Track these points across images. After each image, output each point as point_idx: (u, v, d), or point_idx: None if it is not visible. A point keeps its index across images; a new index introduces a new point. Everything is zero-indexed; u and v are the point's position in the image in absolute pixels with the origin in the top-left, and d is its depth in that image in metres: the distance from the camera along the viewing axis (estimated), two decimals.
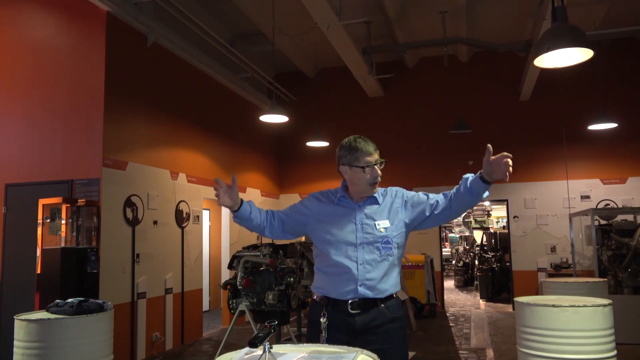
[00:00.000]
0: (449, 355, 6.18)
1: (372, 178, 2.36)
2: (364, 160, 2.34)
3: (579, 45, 3.66)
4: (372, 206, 2.40)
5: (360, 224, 2.35)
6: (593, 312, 3.39)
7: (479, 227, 17.55)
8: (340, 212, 2.40)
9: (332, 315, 2.30)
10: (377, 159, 2.38)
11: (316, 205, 2.45)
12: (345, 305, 2.29)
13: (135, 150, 6.41)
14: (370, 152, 2.36)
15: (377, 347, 2.17)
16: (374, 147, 2.40)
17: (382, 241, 2.33)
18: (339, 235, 2.34)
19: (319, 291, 2.41)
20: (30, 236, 5.74)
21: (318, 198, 2.48)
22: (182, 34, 7.11)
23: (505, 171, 2.26)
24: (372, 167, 2.35)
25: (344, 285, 2.30)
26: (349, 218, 2.37)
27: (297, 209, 2.48)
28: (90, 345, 3.39)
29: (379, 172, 2.37)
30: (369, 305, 2.30)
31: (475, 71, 10.29)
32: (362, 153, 2.35)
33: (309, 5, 6.53)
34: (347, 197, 2.41)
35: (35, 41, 6.32)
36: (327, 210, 2.42)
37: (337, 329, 2.28)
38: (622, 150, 9.48)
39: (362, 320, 2.28)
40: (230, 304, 5.47)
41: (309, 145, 9.53)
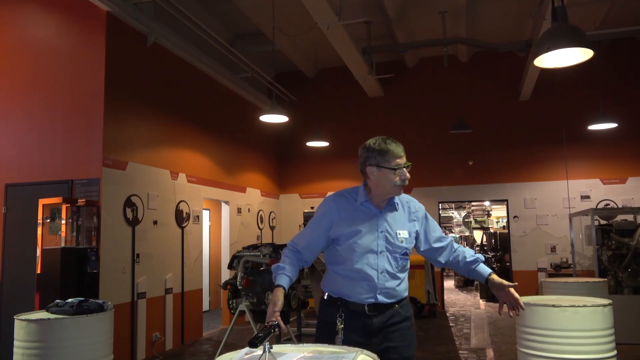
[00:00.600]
0: (449, 355, 6.18)
1: (401, 180, 2.34)
2: (394, 162, 2.31)
3: (579, 45, 3.66)
4: (393, 213, 2.40)
5: (382, 231, 2.34)
6: (593, 312, 3.39)
7: (479, 227, 17.55)
8: (362, 217, 2.36)
9: (348, 316, 2.29)
10: (406, 162, 2.36)
11: (337, 213, 2.37)
12: (362, 307, 2.30)
13: (135, 150, 6.41)
14: (400, 155, 2.34)
15: (393, 345, 2.28)
16: (403, 150, 2.38)
17: (401, 252, 2.36)
18: (362, 243, 2.31)
19: (334, 292, 2.37)
20: (30, 236, 5.74)
21: (337, 203, 2.40)
22: (182, 34, 7.11)
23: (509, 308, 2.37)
24: (402, 169, 2.33)
25: (363, 292, 2.30)
26: (372, 225, 2.34)
27: (316, 236, 2.40)
28: (90, 345, 3.39)
29: (408, 174, 2.36)
30: (385, 307, 2.33)
31: (475, 71, 10.29)
32: (393, 155, 2.32)
33: (309, 5, 6.53)
34: (369, 202, 2.37)
35: (35, 41, 6.32)
36: (349, 215, 2.37)
37: (353, 330, 2.28)
38: (622, 150, 9.48)
39: (379, 321, 2.31)
40: (230, 304, 5.47)
41: (309, 145, 9.53)
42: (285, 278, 2.30)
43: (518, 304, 2.31)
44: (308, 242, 2.41)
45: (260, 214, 10.11)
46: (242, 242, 8.90)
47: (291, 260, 2.37)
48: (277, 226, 10.94)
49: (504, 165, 10.00)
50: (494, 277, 2.37)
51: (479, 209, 17.72)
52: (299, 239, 2.44)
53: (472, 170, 10.09)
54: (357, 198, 2.39)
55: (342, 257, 2.34)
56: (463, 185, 10.17)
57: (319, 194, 10.77)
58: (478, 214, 18.04)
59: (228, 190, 8.86)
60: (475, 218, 18.09)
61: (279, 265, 2.36)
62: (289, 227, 10.98)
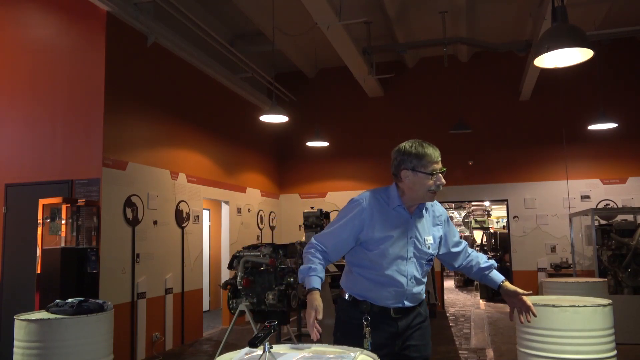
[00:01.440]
0: (449, 355, 6.18)
1: (436, 186, 2.28)
2: (431, 167, 2.26)
3: (579, 45, 3.66)
4: (421, 219, 2.38)
5: (412, 237, 2.32)
6: (593, 312, 3.39)
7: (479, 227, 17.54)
8: (395, 222, 2.30)
9: (373, 319, 2.28)
10: (442, 167, 2.31)
11: (369, 216, 2.29)
12: (388, 311, 2.31)
13: (135, 150, 6.41)
14: (437, 159, 2.29)
15: (414, 343, 2.34)
16: (440, 155, 2.33)
17: (427, 258, 2.36)
18: (394, 250, 2.28)
19: (359, 295, 2.33)
20: (30, 236, 5.74)
21: (371, 206, 2.31)
22: (182, 34, 7.11)
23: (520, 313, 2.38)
24: (438, 174, 2.28)
25: (390, 297, 2.30)
26: (403, 231, 2.30)
27: (346, 238, 2.30)
28: (90, 345, 3.39)
29: (444, 180, 2.31)
30: (410, 310, 2.36)
31: (475, 71, 10.29)
32: (430, 159, 2.26)
33: (309, 5, 6.53)
34: (403, 207, 2.31)
35: (35, 41, 6.32)
36: (382, 219, 2.29)
37: (379, 333, 2.28)
38: (622, 150, 9.48)
39: (404, 323, 2.33)
40: (230, 304, 5.47)
41: (309, 145, 9.53)
42: (318, 280, 2.21)
43: (530, 310, 2.33)
44: (336, 243, 2.31)
45: (260, 214, 10.11)
46: (242, 242, 8.90)
47: (320, 261, 2.27)
48: (277, 226, 10.94)
49: (504, 165, 10.00)
50: (507, 284, 2.39)
51: (479, 209, 17.71)
52: (327, 239, 2.32)
53: (472, 170, 10.09)
54: (389, 201, 2.33)
55: (371, 261, 2.29)
56: (463, 185, 10.17)
57: (319, 194, 10.77)
58: (478, 214, 18.04)
59: (228, 190, 8.86)
60: (475, 218, 18.09)
61: (310, 266, 2.24)
62: (289, 227, 10.98)
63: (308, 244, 2.35)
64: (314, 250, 2.30)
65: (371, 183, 10.21)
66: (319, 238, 2.34)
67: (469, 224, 18.62)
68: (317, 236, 2.36)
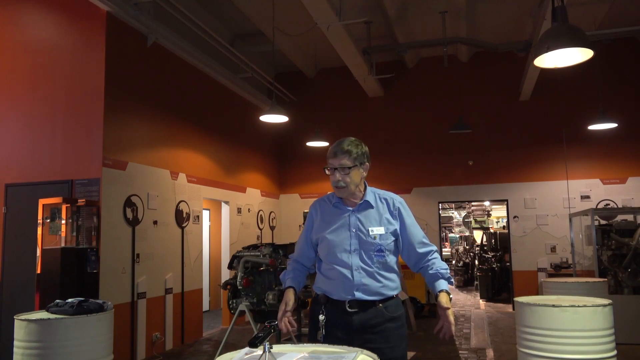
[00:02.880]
0: (449, 355, 6.18)
1: (333, 182, 2.40)
2: (327, 163, 2.43)
3: (579, 45, 3.66)
4: (366, 211, 2.43)
5: (354, 230, 2.38)
6: (593, 312, 3.39)
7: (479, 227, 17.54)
8: (335, 218, 2.44)
9: (330, 313, 2.35)
10: (343, 164, 2.36)
11: (316, 216, 2.52)
12: (343, 304, 2.34)
13: (135, 150, 6.41)
14: (331, 154, 2.41)
15: (375, 346, 2.21)
16: (342, 150, 2.39)
17: (375, 249, 2.37)
18: (335, 242, 2.38)
19: (319, 290, 2.46)
20: (30, 236, 5.74)
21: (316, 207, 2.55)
22: (182, 34, 7.11)
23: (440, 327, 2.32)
24: (330, 170, 2.40)
25: (341, 289, 2.36)
26: (343, 224, 2.41)
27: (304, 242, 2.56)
28: (90, 345, 3.38)
29: (337, 177, 2.37)
30: (367, 304, 2.33)
31: (475, 71, 10.29)
32: (328, 155, 2.44)
33: (309, 5, 6.53)
34: (341, 202, 2.45)
35: (35, 41, 6.32)
36: (325, 217, 2.47)
37: (335, 326, 2.32)
38: (622, 150, 9.48)
39: (360, 319, 2.31)
40: (230, 304, 5.47)
41: (309, 145, 9.53)
42: (290, 280, 2.47)
43: (449, 330, 2.27)
44: (300, 249, 2.57)
45: (260, 214, 10.12)
46: (242, 242, 8.90)
47: (292, 268, 2.54)
48: (277, 226, 10.94)
49: (504, 165, 10.00)
50: (441, 295, 2.30)
51: (479, 209, 17.70)
52: (295, 249, 2.62)
53: (472, 170, 10.09)
54: (331, 199, 2.50)
55: (322, 256, 2.45)
56: (463, 185, 10.17)
57: (319, 194, 10.76)
58: (478, 214, 18.03)
59: (228, 190, 8.86)
60: (475, 218, 18.09)
61: (284, 272, 2.54)
62: (289, 227, 10.99)
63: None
64: (288, 265, 2.60)
65: (371, 183, 10.19)
66: (290, 256, 2.64)
67: (469, 224, 18.62)
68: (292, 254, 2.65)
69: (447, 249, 18.53)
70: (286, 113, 7.05)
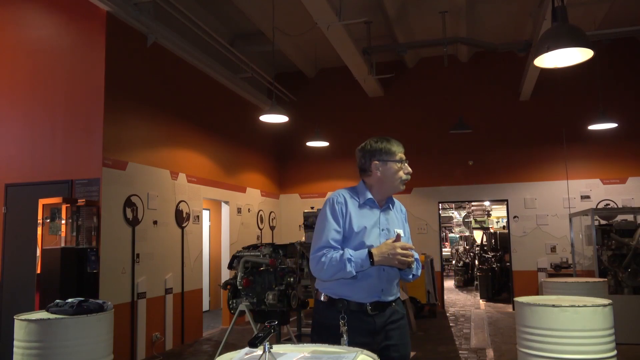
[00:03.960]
0: (449, 355, 6.18)
1: (406, 174, 2.43)
2: (399, 156, 2.41)
3: (579, 45, 3.66)
4: (389, 212, 2.46)
5: (383, 230, 2.37)
6: (593, 312, 3.39)
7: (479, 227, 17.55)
8: (367, 216, 2.36)
9: (350, 317, 2.26)
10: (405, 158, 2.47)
11: (346, 209, 2.33)
12: (364, 307, 2.29)
13: (135, 150, 6.41)
14: (402, 149, 2.46)
15: (393, 343, 2.31)
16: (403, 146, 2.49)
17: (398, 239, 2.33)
18: (367, 242, 2.30)
19: (334, 294, 2.31)
20: (30, 236, 5.74)
21: (346, 199, 2.36)
22: (182, 34, 7.11)
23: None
24: (405, 162, 2.43)
25: (365, 291, 2.29)
26: (375, 224, 2.36)
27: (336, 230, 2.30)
28: (90, 345, 3.38)
29: (410, 169, 2.46)
30: (385, 305, 2.34)
31: (475, 71, 10.29)
32: (397, 149, 2.42)
33: (309, 5, 6.53)
34: (373, 200, 2.40)
35: (35, 41, 6.32)
36: (355, 212, 2.35)
37: (356, 331, 2.26)
38: (622, 150, 9.48)
39: (381, 319, 2.32)
40: (230, 304, 5.47)
41: (309, 145, 9.53)
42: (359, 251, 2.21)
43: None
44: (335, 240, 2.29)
45: (260, 214, 10.11)
46: (242, 242, 8.90)
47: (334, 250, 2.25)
48: (277, 226, 10.94)
49: (504, 165, 10.00)
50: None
51: (479, 209, 17.71)
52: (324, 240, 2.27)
53: (472, 170, 10.09)
54: (359, 197, 2.40)
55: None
56: (463, 185, 10.17)
57: (319, 194, 10.77)
58: (478, 214, 18.04)
59: (228, 190, 8.86)
60: (475, 218, 18.09)
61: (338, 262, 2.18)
62: (289, 227, 10.99)
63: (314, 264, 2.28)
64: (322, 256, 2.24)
65: None
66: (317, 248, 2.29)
67: (469, 224, 18.62)
68: (314, 249, 2.30)
69: (447, 249, 18.54)
70: (286, 113, 7.05)
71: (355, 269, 2.19)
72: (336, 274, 2.21)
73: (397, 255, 2.18)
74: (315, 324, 2.39)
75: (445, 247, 18.37)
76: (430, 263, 9.14)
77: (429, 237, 10.10)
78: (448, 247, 19.19)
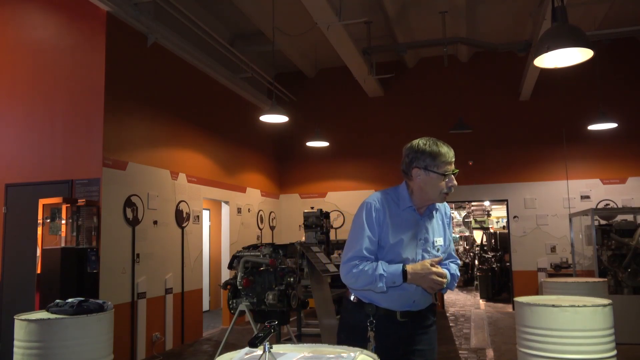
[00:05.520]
0: (449, 355, 6.18)
1: (449, 188, 2.20)
2: (444, 167, 2.17)
3: (579, 45, 3.66)
4: (431, 220, 2.30)
5: (421, 239, 2.25)
6: (593, 312, 3.39)
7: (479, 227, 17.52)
8: (405, 224, 2.23)
9: (378, 322, 2.20)
10: (454, 169, 2.22)
11: (383, 217, 2.21)
12: (394, 313, 2.23)
13: (135, 150, 6.41)
14: (451, 160, 2.20)
15: (419, 348, 2.25)
16: (454, 155, 2.23)
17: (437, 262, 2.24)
18: (403, 253, 2.20)
19: (365, 297, 2.25)
20: (30, 236, 5.74)
21: (384, 206, 2.23)
22: (182, 34, 7.11)
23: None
24: (451, 175, 2.19)
25: (397, 301, 2.22)
26: (413, 233, 2.23)
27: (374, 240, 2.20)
28: (90, 345, 3.38)
29: (455, 182, 2.22)
30: (415, 313, 2.27)
31: (475, 71, 10.29)
32: (444, 159, 2.18)
33: (309, 5, 6.53)
34: (413, 208, 2.25)
35: (35, 41, 6.32)
36: (393, 220, 2.22)
37: (383, 336, 2.21)
38: (622, 150, 9.48)
39: (409, 328, 2.25)
40: (230, 304, 5.47)
41: (309, 145, 9.53)
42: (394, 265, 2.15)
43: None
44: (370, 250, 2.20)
45: (260, 214, 10.11)
46: (242, 242, 8.90)
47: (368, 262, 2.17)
48: (277, 226, 10.94)
49: (504, 165, 10.00)
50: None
51: (479, 209, 17.68)
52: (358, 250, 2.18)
53: (472, 170, 10.09)
54: (399, 202, 2.26)
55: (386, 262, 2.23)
56: (463, 185, 10.16)
57: (319, 194, 10.77)
58: (478, 214, 18.02)
59: (228, 190, 8.86)
60: (475, 218, 18.07)
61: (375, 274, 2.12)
62: (289, 227, 10.98)
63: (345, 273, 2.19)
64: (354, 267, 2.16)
65: (371, 183, 10.22)
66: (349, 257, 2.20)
67: (469, 224, 18.60)
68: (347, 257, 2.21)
69: None
70: (286, 113, 7.05)
71: (387, 284, 2.14)
72: (367, 286, 2.16)
73: (430, 281, 2.12)
74: (343, 323, 2.34)
75: None
76: None
77: None
78: None
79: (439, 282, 2.13)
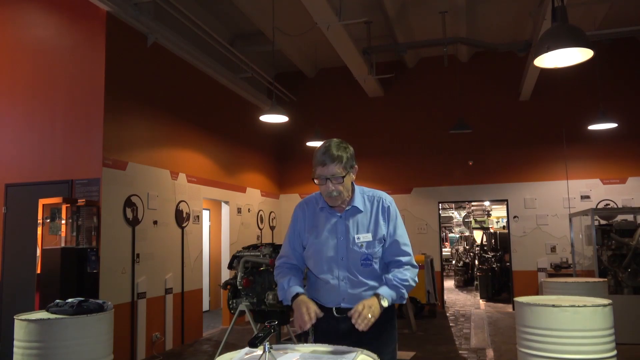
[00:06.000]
0: (449, 355, 6.18)
1: (325, 193, 2.21)
2: (315, 171, 2.21)
3: (579, 45, 3.66)
4: (355, 216, 2.29)
5: (341, 237, 2.26)
6: (593, 312, 3.39)
7: (479, 227, 17.54)
8: (323, 223, 2.30)
9: (320, 318, 2.22)
10: (331, 174, 2.15)
11: (302, 220, 2.36)
12: (331, 310, 2.27)
13: (135, 150, 6.41)
14: (320, 162, 2.16)
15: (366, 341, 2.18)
16: (331, 156, 2.14)
17: (362, 258, 2.25)
18: (323, 251, 2.27)
19: (310, 295, 2.35)
20: (30, 236, 5.74)
21: (303, 210, 2.38)
22: (182, 34, 7.11)
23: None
24: (321, 179, 2.18)
25: (329, 297, 2.29)
26: (331, 231, 2.27)
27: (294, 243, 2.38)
28: (90, 345, 3.38)
29: (331, 187, 2.17)
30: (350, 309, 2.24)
31: (475, 71, 10.29)
32: (315, 162, 2.19)
33: (309, 5, 6.53)
34: (328, 207, 2.30)
35: (35, 41, 6.32)
36: (312, 222, 2.33)
37: (324, 332, 2.26)
38: (622, 150, 9.48)
39: (347, 325, 2.19)
40: (230, 304, 5.47)
41: (309, 145, 9.53)
42: (297, 287, 2.25)
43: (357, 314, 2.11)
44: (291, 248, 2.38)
45: (260, 214, 10.11)
46: (242, 242, 8.90)
47: (289, 271, 2.35)
48: (277, 226, 10.94)
49: (504, 165, 10.01)
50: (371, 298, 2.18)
51: (479, 209, 17.71)
52: (283, 249, 2.43)
53: (472, 170, 10.09)
54: (318, 203, 2.34)
55: (308, 263, 2.36)
56: (463, 185, 10.17)
57: None
58: (478, 214, 18.04)
59: (228, 190, 8.86)
60: (475, 218, 18.09)
61: (283, 282, 2.29)
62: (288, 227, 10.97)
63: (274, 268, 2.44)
64: (278, 268, 2.39)
65: (371, 183, 10.22)
66: (279, 255, 2.44)
67: (469, 224, 18.62)
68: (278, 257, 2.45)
69: (447, 249, 18.54)
70: (286, 113, 7.05)
71: (281, 297, 2.30)
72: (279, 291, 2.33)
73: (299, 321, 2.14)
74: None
75: (445, 247, 18.37)
76: (430, 263, 9.14)
77: (429, 237, 10.10)
78: (448, 247, 19.20)
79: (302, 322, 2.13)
